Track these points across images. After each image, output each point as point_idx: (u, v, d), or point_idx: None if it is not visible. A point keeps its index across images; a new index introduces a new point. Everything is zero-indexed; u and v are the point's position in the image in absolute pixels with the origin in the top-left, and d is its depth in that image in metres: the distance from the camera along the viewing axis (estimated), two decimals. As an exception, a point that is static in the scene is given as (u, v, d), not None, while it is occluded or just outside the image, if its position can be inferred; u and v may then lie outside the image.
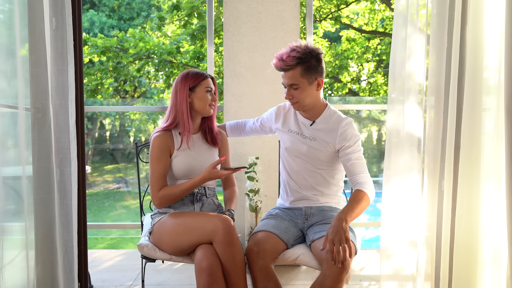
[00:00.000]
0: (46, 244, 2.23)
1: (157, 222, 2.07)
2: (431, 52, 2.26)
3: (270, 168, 3.04)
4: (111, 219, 9.35)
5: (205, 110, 2.15)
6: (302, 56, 2.02)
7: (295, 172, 2.18)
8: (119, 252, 3.46)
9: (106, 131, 12.54)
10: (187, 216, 1.99)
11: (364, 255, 3.30)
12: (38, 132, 2.20)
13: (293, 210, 2.18)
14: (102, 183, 11.53)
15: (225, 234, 1.87)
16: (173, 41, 9.73)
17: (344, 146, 2.08)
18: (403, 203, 2.33)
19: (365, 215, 9.77)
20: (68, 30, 2.22)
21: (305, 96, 2.07)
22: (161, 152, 2.10)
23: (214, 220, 1.91)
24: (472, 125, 2.13)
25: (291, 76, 2.04)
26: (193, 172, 2.12)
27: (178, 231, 1.96)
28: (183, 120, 2.13)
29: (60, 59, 2.23)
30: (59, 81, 2.23)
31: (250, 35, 3.00)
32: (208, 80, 2.16)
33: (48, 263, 2.24)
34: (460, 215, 2.17)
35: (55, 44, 2.21)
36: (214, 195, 2.23)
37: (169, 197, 2.06)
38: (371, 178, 2.06)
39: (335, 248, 1.79)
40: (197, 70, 2.18)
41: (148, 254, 2.05)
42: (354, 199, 1.96)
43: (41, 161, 2.21)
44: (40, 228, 2.22)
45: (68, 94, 2.24)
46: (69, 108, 2.24)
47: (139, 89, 11.99)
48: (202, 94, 2.13)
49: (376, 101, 9.83)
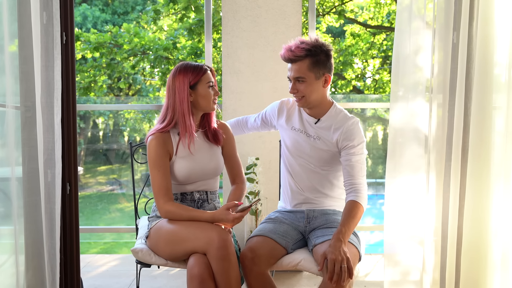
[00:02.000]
0: (36, 248, 2.22)
1: (154, 226, 2.05)
2: (438, 48, 2.26)
3: (271, 169, 3.04)
4: (105, 223, 9.34)
5: (209, 107, 2.07)
6: (312, 48, 2.02)
7: (297, 173, 2.18)
8: (113, 257, 3.46)
9: (99, 130, 12.54)
10: (183, 224, 1.95)
11: (369, 260, 3.30)
12: (28, 131, 2.19)
13: (295, 213, 2.18)
14: (95, 185, 11.53)
15: (219, 248, 1.83)
16: (169, 36, 9.73)
17: (347, 146, 2.07)
18: (408, 205, 2.32)
19: (370, 219, 9.77)
20: (55, 24, 2.21)
21: (311, 91, 2.06)
22: (159, 157, 2.01)
23: (209, 233, 1.86)
24: (481, 123, 2.13)
25: (298, 68, 2.03)
26: (194, 176, 2.08)
27: (172, 240, 1.94)
28: (184, 121, 2.03)
29: (46, 55, 2.22)
30: (44, 78, 2.23)
31: (250, 30, 3.00)
32: (209, 74, 2.06)
33: (38, 269, 2.23)
34: (467, 217, 2.17)
35: (45, 39, 2.21)
36: (216, 199, 2.19)
37: (175, 216, 1.98)
38: (367, 186, 2.05)
39: (336, 269, 1.79)
40: (194, 63, 2.07)
41: (143, 259, 2.05)
42: (350, 213, 1.95)
43: (30, 162, 2.20)
44: (30, 232, 2.22)
45: (53, 92, 2.23)
46: (54, 106, 2.22)
47: (134, 87, 11.98)
48: (205, 91, 2.04)
49: (382, 99, 9.83)
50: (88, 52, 9.10)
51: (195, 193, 2.11)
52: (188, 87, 2.02)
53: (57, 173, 2.20)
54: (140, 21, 11.10)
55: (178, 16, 8.95)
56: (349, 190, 2.03)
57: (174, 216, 1.98)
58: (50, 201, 2.22)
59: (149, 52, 9.21)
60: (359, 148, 2.07)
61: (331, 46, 2.09)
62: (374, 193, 10.91)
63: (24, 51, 2.15)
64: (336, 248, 1.83)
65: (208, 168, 2.10)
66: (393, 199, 2.34)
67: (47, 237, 2.21)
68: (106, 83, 10.56)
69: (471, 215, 2.16)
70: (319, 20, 9.38)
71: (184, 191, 2.10)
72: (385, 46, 9.76)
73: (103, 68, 9.67)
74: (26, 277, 2.17)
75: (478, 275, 2.14)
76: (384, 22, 9.71)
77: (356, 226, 1.97)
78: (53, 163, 2.22)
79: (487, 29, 2.11)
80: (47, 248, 2.21)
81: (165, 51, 9.13)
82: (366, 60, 10.02)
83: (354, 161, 2.05)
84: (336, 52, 9.39)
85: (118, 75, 10.26)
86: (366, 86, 10.39)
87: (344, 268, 1.79)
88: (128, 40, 9.10)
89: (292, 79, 2.07)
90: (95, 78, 9.75)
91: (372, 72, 10.27)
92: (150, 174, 2.03)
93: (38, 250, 2.22)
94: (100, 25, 11.86)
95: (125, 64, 9.78)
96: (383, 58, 10.11)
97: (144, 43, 9.12)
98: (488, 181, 2.13)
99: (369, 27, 9.83)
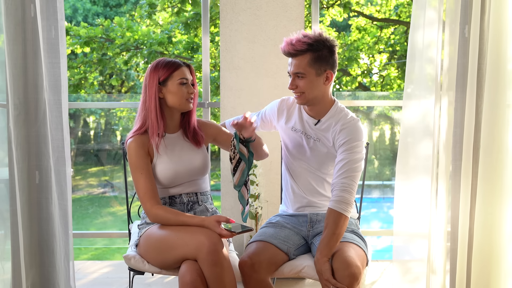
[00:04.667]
0: (40, 249, 2.38)
1: (143, 234, 2.05)
2: (448, 42, 2.26)
3: (272, 170, 3.04)
4: (96, 227, 9.35)
5: (181, 105, 2.07)
6: (314, 43, 2.01)
7: (299, 175, 2.18)
8: (105, 264, 3.46)
9: (90, 130, 12.54)
10: (171, 230, 1.94)
11: (375, 267, 3.30)
12: (19, 130, 2.23)
13: (297, 217, 2.18)
14: (86, 187, 11.53)
15: (209, 253, 1.82)
16: (164, 30, 9.73)
17: (343, 142, 2.04)
18: (417, 209, 2.32)
19: (377, 223, 9.76)
20: (41, 18, 2.22)
21: (311, 88, 2.05)
22: (140, 159, 2.02)
23: (198, 237, 1.85)
24: (494, 122, 2.13)
25: (298, 63, 2.03)
26: (179, 178, 2.08)
27: (161, 248, 1.94)
28: (151, 120, 2.04)
29: (32, 50, 2.25)
30: (27, 74, 2.27)
31: (249, 23, 3.00)
32: (182, 70, 2.05)
33: (47, 266, 2.41)
34: (479, 221, 2.17)
35: (31, 34, 2.23)
36: (208, 200, 2.19)
37: (164, 221, 1.98)
38: (356, 188, 2.00)
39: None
40: (169, 59, 2.07)
41: (135, 267, 2.05)
42: (336, 227, 1.93)
43: (19, 163, 2.24)
44: (26, 235, 2.31)
45: (60, 89, 2.27)
46: (62, 103, 2.28)
47: (127, 84, 11.99)
48: (176, 88, 2.04)
49: (389, 97, 9.84)
50: (78, 47, 9.09)
51: (184, 196, 2.11)
52: (157, 83, 2.04)
53: (68, 171, 2.32)
54: (134, 15, 11.10)
55: (174, 10, 8.95)
56: (335, 195, 1.97)
57: (163, 221, 1.98)
58: (63, 198, 2.31)
59: (143, 47, 9.22)
60: (355, 145, 2.03)
61: (336, 41, 2.08)
62: (381, 196, 10.91)
63: (10, 46, 2.16)
64: (319, 267, 1.90)
65: (193, 168, 2.10)
66: (403, 201, 2.34)
67: (60, 235, 2.31)
68: (97, 80, 10.57)
69: (482, 219, 2.16)
70: (322, 13, 9.38)
71: (172, 195, 2.10)
72: (392, 40, 9.76)
73: (94, 64, 9.68)
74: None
75: (490, 281, 2.14)
76: (392, 15, 9.71)
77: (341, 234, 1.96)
78: (63, 161, 2.29)
79: (500, 23, 2.11)
80: (60, 245, 2.33)
81: (159, 46, 9.13)
82: (373, 55, 10.02)
83: (348, 159, 2.00)
84: (341, 47, 9.39)
85: (110, 71, 10.26)
86: (373, 82, 10.39)
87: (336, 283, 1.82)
88: (121, 34, 9.10)
89: (292, 74, 2.07)
90: (85, 74, 9.75)
91: (379, 68, 10.27)
92: (133, 178, 2.03)
93: (42, 251, 2.33)
94: (91, 18, 11.86)
95: (118, 60, 9.79)
96: (391, 53, 10.11)
97: (138, 37, 9.12)
98: (501, 183, 2.13)
99: (375, 21, 9.83)
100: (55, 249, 2.36)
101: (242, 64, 3.01)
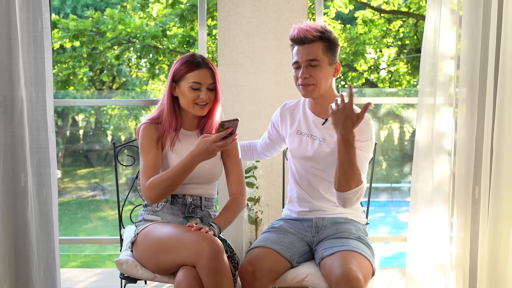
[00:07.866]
0: (20, 255, 2.36)
1: (142, 231, 2.05)
2: (463, 36, 2.25)
3: (273, 172, 3.04)
4: (85, 233, 9.35)
5: (190, 110, 2.09)
6: (325, 32, 2.06)
7: (304, 178, 2.19)
8: (95, 272, 3.46)
9: (79, 129, 12.55)
10: (171, 231, 1.95)
11: (383, 275, 3.30)
12: (3, 128, 2.23)
13: (302, 222, 2.18)
14: (75, 190, 11.54)
15: (210, 260, 1.82)
16: (158, 23, 9.73)
17: None
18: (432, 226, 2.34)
19: (385, 228, 9.77)
20: (25, 10, 2.23)
21: (323, 78, 2.07)
22: (150, 142, 2.07)
23: (199, 242, 1.85)
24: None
25: (311, 51, 2.05)
26: (192, 175, 2.07)
27: (159, 249, 1.94)
28: (165, 116, 2.10)
29: (8, 45, 2.26)
30: (7, 70, 2.28)
31: (249, 15, 3.00)
32: (199, 73, 2.06)
33: (22, 277, 2.37)
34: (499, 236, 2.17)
35: (12, 27, 2.24)
36: (212, 207, 2.20)
37: (158, 186, 1.98)
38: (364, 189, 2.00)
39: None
40: (193, 58, 2.08)
41: (128, 272, 2.04)
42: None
43: (6, 162, 2.24)
44: (7, 240, 2.30)
45: (45, 86, 2.27)
46: (46, 101, 2.27)
47: (118, 80, 11.99)
48: (186, 90, 2.06)
49: (398, 94, 9.84)
50: (66, 41, 9.10)
51: (187, 197, 2.12)
52: (172, 80, 2.09)
53: (53, 173, 2.29)
54: (126, 7, 11.10)
55: (169, 1, 8.96)
56: None
57: (157, 186, 1.98)
58: (47, 203, 2.29)
59: (136, 41, 9.22)
60: (363, 143, 2.04)
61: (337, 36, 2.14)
62: (389, 199, 10.91)
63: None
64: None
65: (200, 171, 2.10)
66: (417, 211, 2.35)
67: (40, 243, 2.28)
68: (87, 75, 10.56)
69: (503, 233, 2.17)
70: (327, 5, 9.38)
71: (175, 193, 2.12)
72: (401, 33, 9.76)
73: (83, 59, 9.67)
74: None
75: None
76: (401, 6, 9.71)
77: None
78: (47, 163, 2.28)
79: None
80: (38, 254, 2.29)
81: (153, 40, 9.13)
82: (380, 50, 10.02)
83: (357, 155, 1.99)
84: (347, 41, 9.39)
85: (100, 66, 10.26)
86: (380, 78, 10.39)
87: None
88: (112, 27, 9.10)
89: (303, 63, 2.07)
90: (74, 70, 9.74)
91: (387, 63, 10.26)
92: (140, 160, 2.09)
93: (17, 261, 2.31)
94: (80, 10, 11.85)
95: (109, 54, 9.78)
96: (399, 47, 10.11)
97: (130, 30, 9.12)
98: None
99: (383, 13, 9.83)
100: (31, 259, 2.32)
101: (241, 59, 3.01)
